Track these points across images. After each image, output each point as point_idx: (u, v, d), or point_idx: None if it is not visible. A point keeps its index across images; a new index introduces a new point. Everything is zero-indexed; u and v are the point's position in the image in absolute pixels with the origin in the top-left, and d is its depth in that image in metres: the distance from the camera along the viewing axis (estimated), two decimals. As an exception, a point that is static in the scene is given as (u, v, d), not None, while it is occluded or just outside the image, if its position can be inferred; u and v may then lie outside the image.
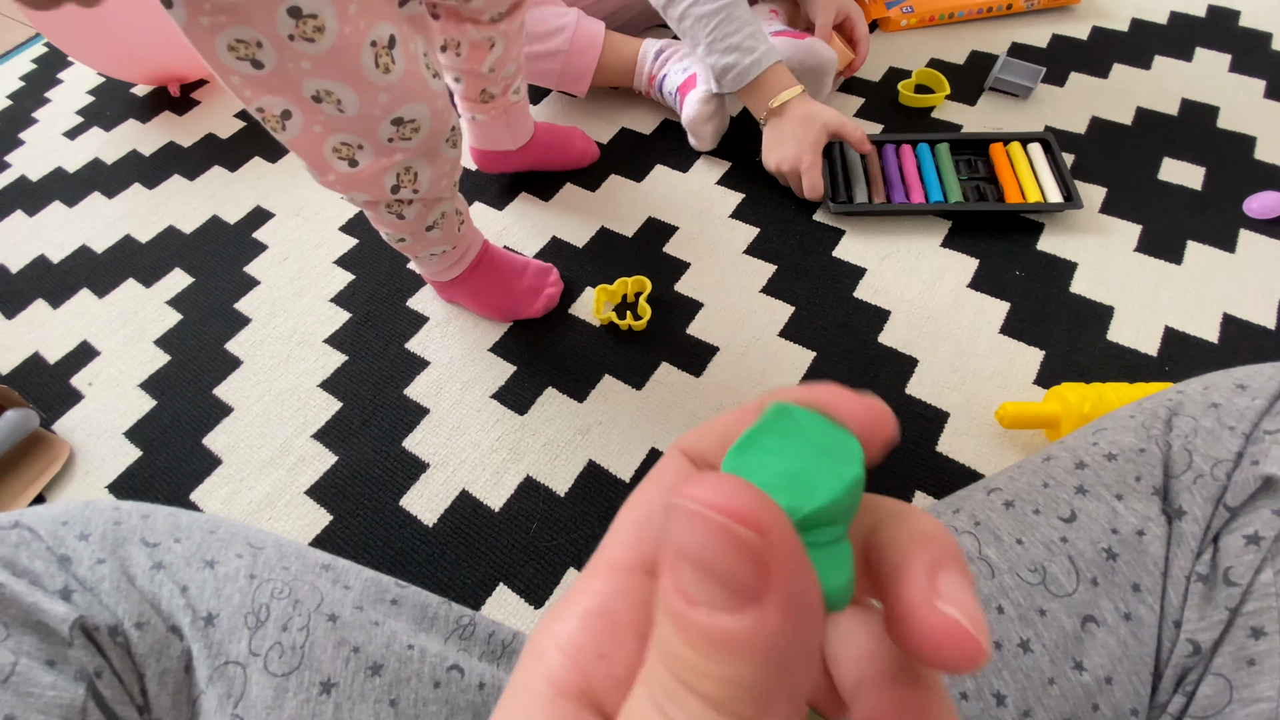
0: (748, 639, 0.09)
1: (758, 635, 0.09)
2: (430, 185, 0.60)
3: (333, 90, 0.48)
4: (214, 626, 0.32)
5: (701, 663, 0.09)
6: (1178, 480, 0.33)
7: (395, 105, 0.51)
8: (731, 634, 0.09)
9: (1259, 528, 0.30)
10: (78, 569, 0.32)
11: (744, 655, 0.09)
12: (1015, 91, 0.94)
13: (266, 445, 0.71)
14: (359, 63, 0.47)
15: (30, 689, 0.27)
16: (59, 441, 0.73)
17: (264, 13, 0.42)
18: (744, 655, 0.09)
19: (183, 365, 0.79)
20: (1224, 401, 0.34)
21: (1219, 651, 0.30)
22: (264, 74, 0.46)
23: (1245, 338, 0.70)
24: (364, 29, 0.46)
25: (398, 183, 0.57)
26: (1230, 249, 0.76)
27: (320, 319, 0.81)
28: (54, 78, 1.23)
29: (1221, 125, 0.88)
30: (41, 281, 0.91)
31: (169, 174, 1.01)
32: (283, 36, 0.44)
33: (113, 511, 0.36)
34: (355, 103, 0.49)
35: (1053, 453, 0.38)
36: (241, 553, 0.36)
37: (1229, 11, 1.02)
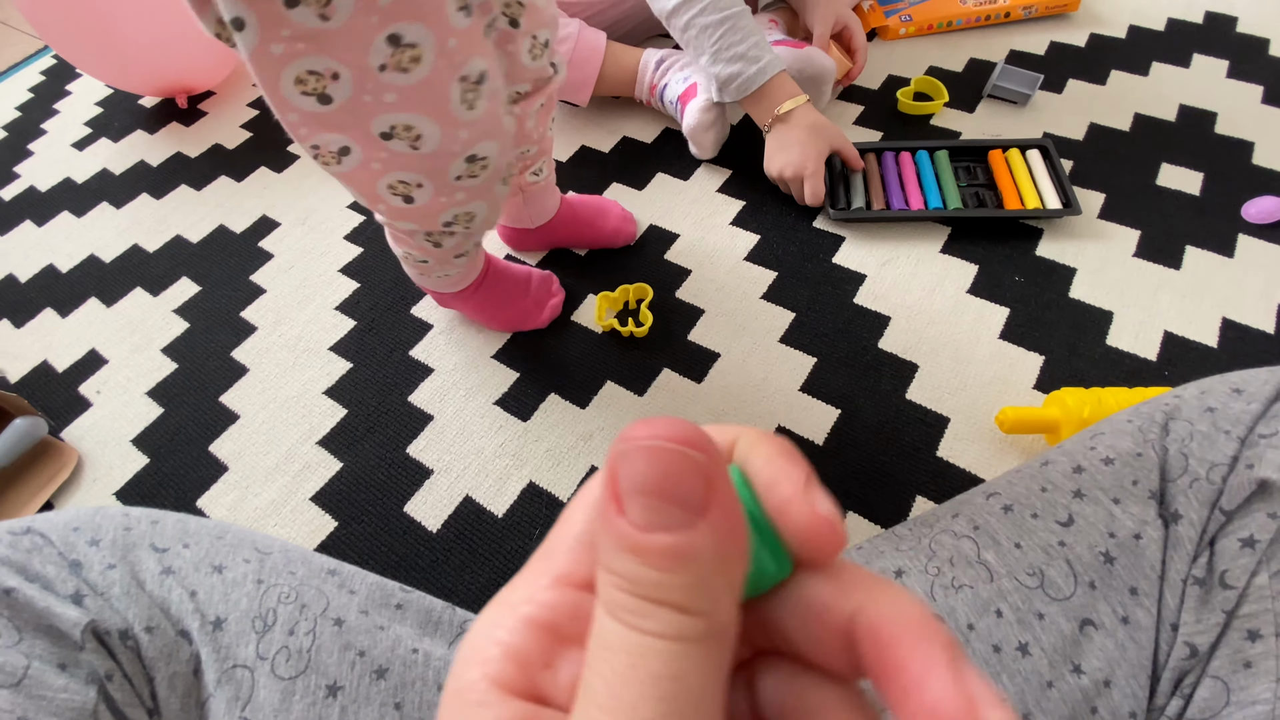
0: (703, 546, 0.11)
1: (709, 541, 0.11)
2: (481, 223, 0.58)
3: (414, 125, 0.45)
4: (222, 631, 0.33)
5: (665, 578, 0.11)
6: (1174, 484, 0.34)
7: (473, 142, 0.49)
8: (689, 546, 0.11)
9: (1254, 531, 0.30)
10: (89, 574, 0.33)
11: (700, 561, 0.11)
12: (1014, 99, 0.94)
13: (272, 452, 0.72)
14: (448, 97, 0.44)
15: (43, 692, 0.28)
16: (67, 449, 0.74)
17: (355, 42, 0.39)
18: (700, 561, 0.11)
19: (189, 373, 0.80)
20: (1220, 406, 0.35)
21: (1216, 654, 0.30)
22: (329, 110, 0.42)
23: (1244, 342, 0.70)
24: (458, 63, 0.44)
25: (453, 220, 0.55)
26: (1229, 254, 0.77)
27: (325, 327, 0.82)
28: (62, 89, 1.25)
29: (1219, 131, 0.89)
30: (50, 291, 0.92)
31: (176, 184, 1.03)
32: (371, 67, 0.40)
33: (122, 517, 0.37)
34: (436, 138, 0.46)
35: (1051, 457, 0.39)
36: (249, 558, 0.37)
37: (1226, 18, 1.03)
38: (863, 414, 0.68)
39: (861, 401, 0.69)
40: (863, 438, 0.67)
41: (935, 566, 0.36)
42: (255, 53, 0.39)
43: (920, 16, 1.04)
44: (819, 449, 0.67)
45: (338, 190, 0.97)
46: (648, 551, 0.11)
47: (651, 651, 0.10)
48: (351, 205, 0.95)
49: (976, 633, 0.34)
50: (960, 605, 0.34)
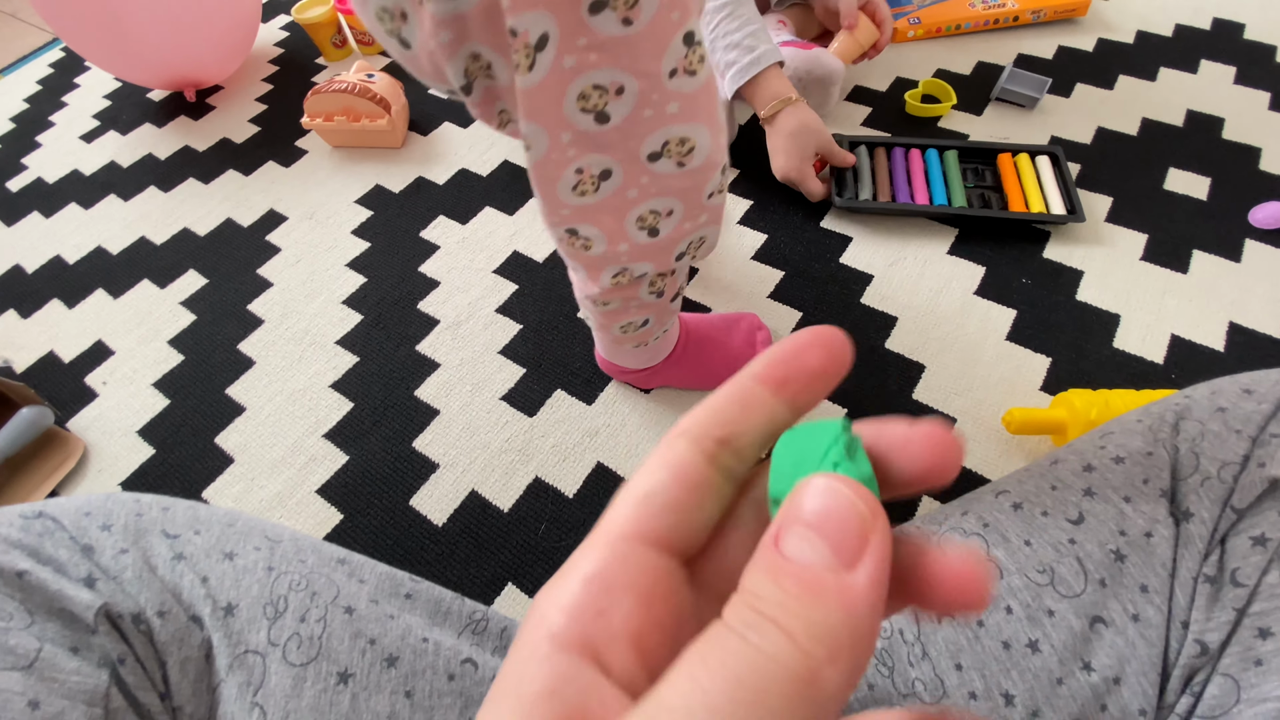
0: (836, 594, 0.11)
1: (849, 591, 0.11)
2: (708, 247, 0.51)
3: (689, 137, 0.41)
4: (234, 616, 0.33)
5: (791, 603, 0.11)
6: (1185, 483, 0.34)
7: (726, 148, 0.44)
8: (823, 583, 0.11)
9: (1266, 529, 0.30)
10: (101, 558, 0.33)
11: (828, 604, 0.11)
12: (1021, 102, 0.94)
13: (278, 444, 0.72)
14: (715, 98, 0.40)
15: (55, 674, 0.28)
16: (73, 439, 0.74)
17: (654, 46, 0.36)
18: (828, 604, 0.11)
19: (196, 365, 0.80)
20: (1231, 406, 0.35)
21: (1226, 652, 0.30)
22: (605, 129, 0.39)
23: (1251, 346, 0.70)
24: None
25: (685, 249, 0.50)
26: (1236, 258, 0.77)
27: (332, 321, 0.82)
28: (71, 82, 1.25)
29: (1227, 136, 0.89)
30: (57, 282, 0.92)
31: (184, 177, 1.03)
32: (662, 74, 0.37)
33: (134, 504, 0.37)
34: (707, 149, 0.42)
35: (1060, 456, 0.39)
36: (259, 546, 0.37)
37: (1234, 25, 1.03)
38: (869, 413, 0.69)
39: (868, 401, 0.69)
40: (869, 437, 0.67)
41: (944, 563, 0.36)
42: (551, 70, 0.35)
43: (929, 19, 1.05)
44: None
45: (345, 185, 0.98)
46: (784, 573, 0.11)
47: (746, 659, 0.11)
48: (359, 200, 0.95)
49: (985, 629, 0.34)
50: (970, 602, 0.34)
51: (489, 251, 0.87)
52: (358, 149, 1.02)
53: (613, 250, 0.47)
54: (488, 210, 0.92)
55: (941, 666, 0.34)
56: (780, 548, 0.12)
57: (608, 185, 0.42)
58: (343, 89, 0.94)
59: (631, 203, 0.43)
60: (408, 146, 1.02)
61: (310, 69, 1.18)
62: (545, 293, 0.82)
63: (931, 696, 0.33)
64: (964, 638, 0.34)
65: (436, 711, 0.34)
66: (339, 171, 0.99)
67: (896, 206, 0.82)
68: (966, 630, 0.34)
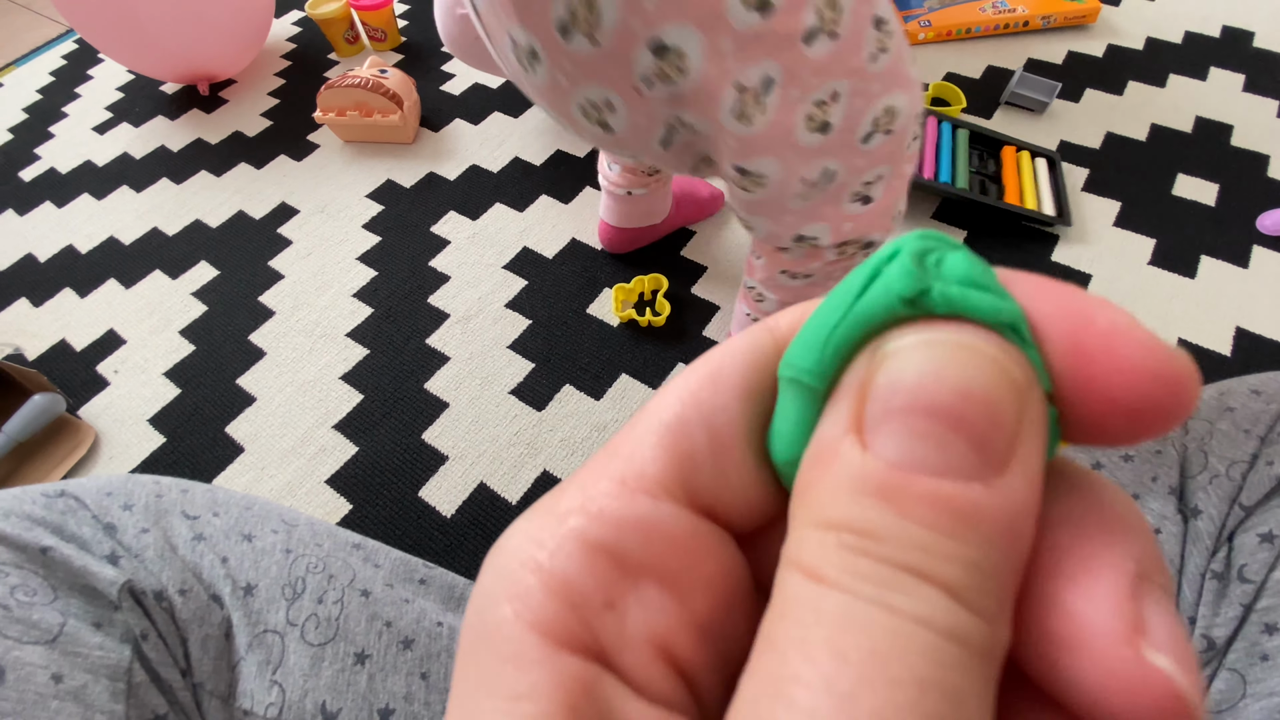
0: (997, 512, 0.07)
1: (1007, 508, 0.07)
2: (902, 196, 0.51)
3: (892, 104, 0.41)
4: (253, 596, 0.33)
5: (937, 542, 0.07)
6: (1193, 480, 0.34)
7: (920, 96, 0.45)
8: (979, 505, 0.07)
9: (1274, 526, 0.31)
10: (123, 537, 0.33)
11: (990, 534, 0.07)
12: (1031, 106, 0.95)
13: (288, 435, 0.73)
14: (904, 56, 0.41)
15: (78, 649, 0.28)
16: (84, 426, 0.75)
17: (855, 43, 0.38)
18: (990, 534, 0.07)
19: (207, 355, 0.81)
20: (1239, 406, 0.35)
21: (1233, 647, 0.30)
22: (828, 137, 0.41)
23: (1258, 351, 0.70)
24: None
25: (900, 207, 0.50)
26: (1244, 264, 0.77)
27: (343, 313, 0.83)
28: (84, 74, 1.26)
29: (1235, 144, 0.89)
30: (69, 271, 0.92)
31: (196, 169, 1.03)
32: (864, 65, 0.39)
33: (153, 485, 0.37)
34: (906, 108, 0.42)
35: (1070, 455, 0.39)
36: (277, 529, 0.38)
37: (1243, 32, 1.03)
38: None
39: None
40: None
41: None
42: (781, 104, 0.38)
43: (939, 23, 1.05)
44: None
45: (357, 180, 0.98)
46: (913, 499, 0.07)
47: (908, 644, 0.07)
48: (370, 194, 0.96)
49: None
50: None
51: (499, 247, 0.87)
52: (369, 144, 1.03)
53: (837, 234, 0.48)
54: (498, 206, 0.92)
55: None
56: (875, 449, 0.08)
57: (829, 184, 0.44)
58: (356, 84, 0.95)
59: (845, 185, 0.45)
60: (419, 142, 1.02)
61: (323, 64, 1.19)
62: (555, 288, 0.82)
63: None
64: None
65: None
66: (351, 166, 1.00)
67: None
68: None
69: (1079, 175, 0.87)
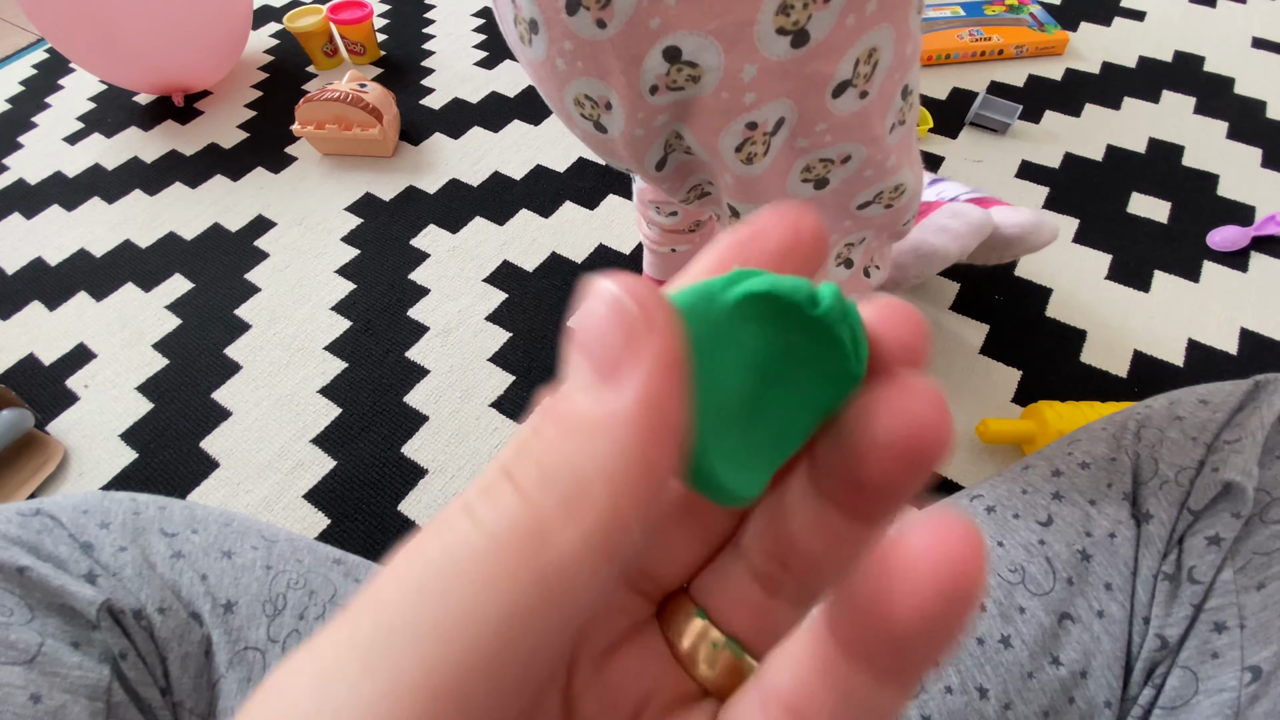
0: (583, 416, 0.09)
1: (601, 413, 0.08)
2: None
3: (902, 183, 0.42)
4: (233, 614, 0.33)
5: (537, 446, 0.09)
6: (1145, 486, 0.36)
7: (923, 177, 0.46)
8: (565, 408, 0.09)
9: (1219, 530, 0.32)
10: (100, 555, 0.33)
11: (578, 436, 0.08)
12: (994, 127, 0.98)
13: (265, 449, 0.72)
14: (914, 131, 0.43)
15: (56, 669, 0.28)
16: (53, 442, 0.73)
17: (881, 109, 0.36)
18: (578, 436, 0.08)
19: (181, 369, 0.80)
20: (1188, 415, 0.37)
21: (1185, 645, 0.32)
22: (822, 193, 0.40)
23: (1208, 362, 0.74)
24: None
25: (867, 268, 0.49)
26: (1195, 279, 0.81)
27: (321, 326, 0.82)
28: (55, 83, 1.24)
29: (1186, 163, 0.93)
30: (38, 284, 0.91)
31: (170, 181, 1.02)
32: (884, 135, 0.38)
33: (130, 502, 0.37)
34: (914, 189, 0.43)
35: (1031, 462, 0.41)
36: (256, 545, 0.37)
37: (1194, 57, 1.09)
38: (850, 423, 0.70)
39: (849, 411, 0.71)
40: (850, 446, 0.69)
41: (922, 564, 0.38)
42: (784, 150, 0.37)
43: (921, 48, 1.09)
44: (807, 456, 0.69)
45: (335, 193, 0.98)
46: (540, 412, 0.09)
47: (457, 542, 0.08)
48: (349, 207, 0.96)
49: (962, 625, 0.35)
50: (946, 599, 0.36)
51: (479, 260, 0.88)
52: (348, 157, 1.03)
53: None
54: (478, 220, 0.93)
55: (920, 661, 0.35)
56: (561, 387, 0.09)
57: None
58: (335, 98, 0.95)
59: (831, 247, 0.44)
60: (398, 155, 1.02)
61: (301, 77, 1.18)
62: (535, 302, 0.83)
63: (910, 691, 0.35)
64: (941, 634, 0.35)
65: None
66: (329, 179, 1.00)
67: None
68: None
69: (1039, 193, 0.91)
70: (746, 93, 0.33)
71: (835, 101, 0.34)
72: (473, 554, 0.08)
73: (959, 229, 0.61)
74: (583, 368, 0.09)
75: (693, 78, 0.33)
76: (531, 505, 0.08)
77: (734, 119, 0.34)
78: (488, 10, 1.29)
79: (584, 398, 0.09)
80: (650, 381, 0.08)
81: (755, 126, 0.34)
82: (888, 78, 0.35)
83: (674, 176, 0.41)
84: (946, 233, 0.61)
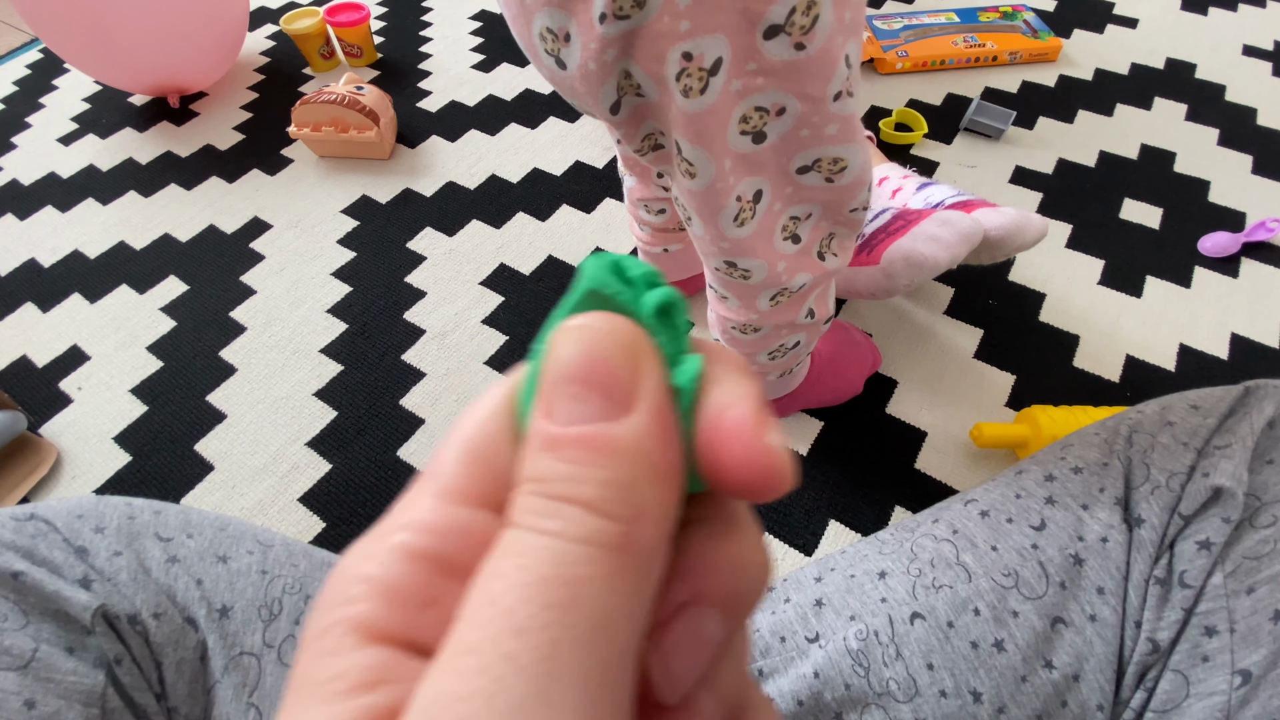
0: (626, 441, 0.10)
1: (634, 436, 0.10)
2: (839, 241, 0.51)
3: (843, 157, 0.42)
4: (228, 619, 0.33)
5: (578, 471, 0.10)
6: (1137, 491, 0.36)
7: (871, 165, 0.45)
8: (608, 437, 0.10)
9: (1210, 534, 0.33)
10: (95, 560, 0.33)
11: (622, 456, 0.10)
12: (988, 132, 0.99)
13: (260, 452, 0.72)
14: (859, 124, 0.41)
15: (50, 675, 0.28)
16: (46, 445, 0.73)
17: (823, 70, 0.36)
18: (622, 456, 0.10)
19: (175, 372, 0.79)
20: (1179, 420, 0.37)
21: (1176, 649, 0.32)
22: (760, 149, 0.40)
23: (1200, 367, 0.74)
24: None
25: (821, 250, 0.49)
26: (1186, 284, 0.82)
27: (317, 329, 0.82)
28: (49, 84, 1.23)
29: (1178, 170, 0.94)
30: (31, 285, 0.90)
31: (165, 183, 1.02)
32: (827, 98, 0.38)
33: (125, 506, 0.37)
34: (858, 168, 0.42)
35: (1024, 467, 0.41)
36: (252, 549, 0.37)
37: (1186, 65, 1.10)
38: (845, 427, 0.71)
39: (844, 415, 0.72)
40: (845, 450, 0.69)
41: (917, 568, 0.38)
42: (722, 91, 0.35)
43: (916, 54, 1.09)
44: (803, 459, 0.69)
45: (331, 195, 0.98)
46: (563, 444, 0.10)
47: (547, 553, 0.09)
48: (345, 210, 0.96)
49: (955, 630, 0.35)
50: (940, 604, 0.36)
51: (476, 263, 0.88)
52: (344, 159, 1.02)
53: (772, 274, 0.46)
54: (475, 223, 0.93)
55: (914, 666, 0.35)
56: (551, 417, 0.10)
57: (760, 208, 0.42)
58: (331, 100, 0.95)
59: (776, 215, 0.43)
60: (395, 158, 1.02)
61: (297, 79, 1.18)
62: (532, 305, 0.83)
63: (905, 695, 0.35)
64: (935, 638, 0.36)
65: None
66: (325, 181, 1.00)
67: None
68: (938, 631, 0.36)
69: (1033, 199, 0.91)
70: (681, 20, 0.33)
71: (766, 44, 0.34)
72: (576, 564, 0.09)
73: (949, 238, 0.62)
74: (596, 401, 0.10)
75: (638, 3, 0.33)
76: (613, 518, 0.09)
77: (671, 45, 0.34)
78: (485, 13, 1.30)
79: (614, 427, 0.10)
80: (654, 404, 0.10)
81: (691, 58, 0.34)
82: (830, 39, 0.35)
83: (629, 122, 0.40)
84: (937, 242, 0.62)
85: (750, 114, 0.37)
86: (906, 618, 0.36)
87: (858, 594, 0.38)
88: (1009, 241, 0.65)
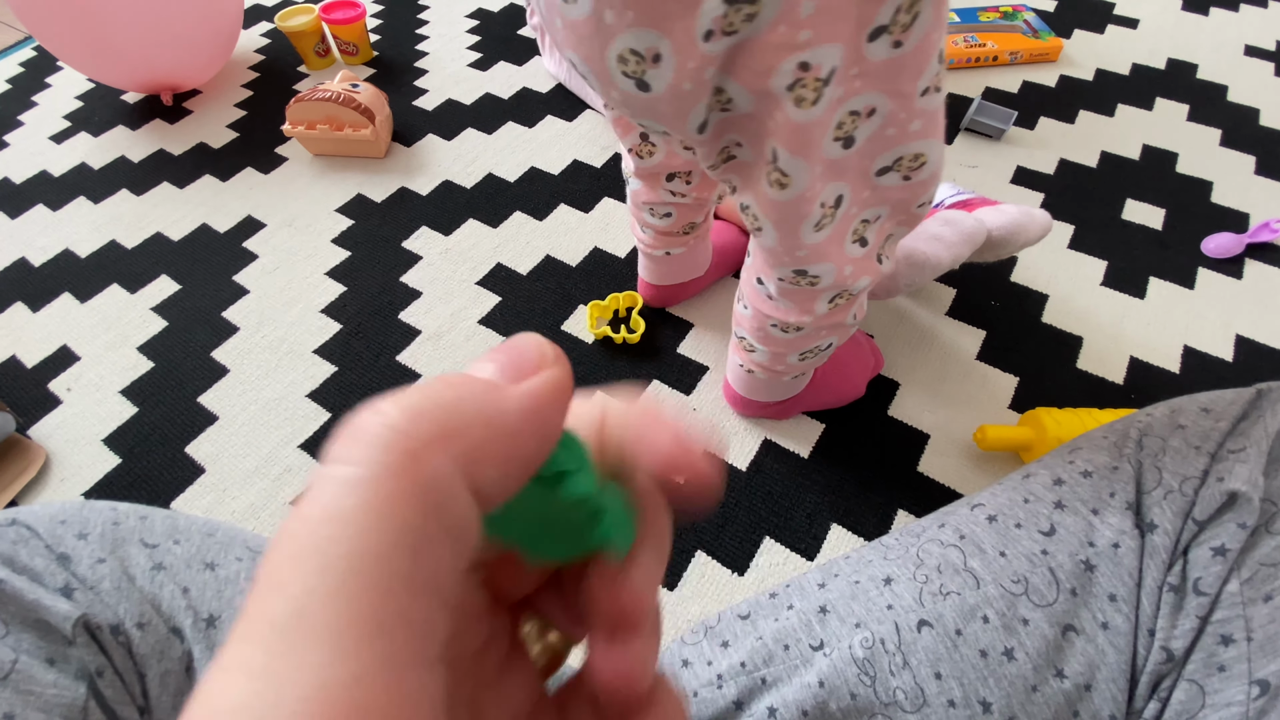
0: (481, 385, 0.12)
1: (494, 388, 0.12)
2: (894, 242, 0.50)
3: (924, 153, 0.41)
4: (216, 629, 0.32)
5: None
6: (1149, 496, 0.35)
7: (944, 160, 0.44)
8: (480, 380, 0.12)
9: (1225, 540, 0.32)
10: (77, 567, 0.32)
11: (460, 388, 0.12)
12: (989, 133, 0.99)
13: (252, 455, 0.71)
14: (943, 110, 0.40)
15: (30, 687, 0.27)
16: (35, 447, 0.71)
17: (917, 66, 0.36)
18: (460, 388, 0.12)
19: (166, 372, 0.78)
20: (1190, 424, 0.36)
21: (1191, 658, 0.31)
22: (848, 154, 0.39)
23: (1204, 369, 0.74)
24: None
25: (881, 253, 0.48)
26: (1190, 285, 0.81)
27: (310, 330, 0.81)
28: (42, 82, 1.22)
29: (1180, 170, 0.94)
30: (21, 284, 0.89)
31: (158, 181, 1.01)
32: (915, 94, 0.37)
33: (110, 512, 0.36)
34: (936, 164, 0.42)
35: (1031, 471, 0.40)
36: (241, 556, 0.36)
37: (1187, 65, 1.09)
38: (847, 429, 0.70)
39: (845, 417, 0.71)
40: (847, 453, 0.68)
41: (924, 574, 0.37)
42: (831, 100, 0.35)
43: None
44: (805, 462, 0.68)
45: (326, 194, 0.97)
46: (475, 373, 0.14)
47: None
48: (340, 209, 0.95)
49: (964, 638, 0.35)
50: (948, 611, 0.35)
51: (472, 263, 0.87)
52: (339, 158, 1.01)
53: (839, 278, 0.45)
54: (471, 222, 0.92)
55: (921, 675, 0.34)
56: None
57: (839, 213, 0.41)
58: (327, 98, 0.94)
59: (851, 219, 0.42)
60: (391, 157, 1.01)
61: (292, 77, 1.17)
62: (528, 305, 0.82)
63: (912, 705, 0.34)
64: (943, 647, 0.35)
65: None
66: (320, 180, 0.99)
67: None
68: (946, 639, 0.35)
69: (1035, 199, 0.91)
70: (802, 29, 0.32)
71: (869, 45, 0.34)
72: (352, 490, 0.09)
73: (951, 238, 0.61)
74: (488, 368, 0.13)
75: (749, 16, 0.32)
76: (402, 434, 0.10)
77: (785, 56, 0.33)
78: (481, 11, 1.29)
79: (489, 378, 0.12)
80: (540, 393, 0.12)
81: (808, 68, 0.33)
82: (925, 36, 0.34)
83: (712, 139, 0.40)
84: (939, 241, 0.61)
85: (845, 119, 0.36)
86: (914, 625, 0.35)
87: (863, 601, 0.37)
88: (1013, 240, 0.65)
